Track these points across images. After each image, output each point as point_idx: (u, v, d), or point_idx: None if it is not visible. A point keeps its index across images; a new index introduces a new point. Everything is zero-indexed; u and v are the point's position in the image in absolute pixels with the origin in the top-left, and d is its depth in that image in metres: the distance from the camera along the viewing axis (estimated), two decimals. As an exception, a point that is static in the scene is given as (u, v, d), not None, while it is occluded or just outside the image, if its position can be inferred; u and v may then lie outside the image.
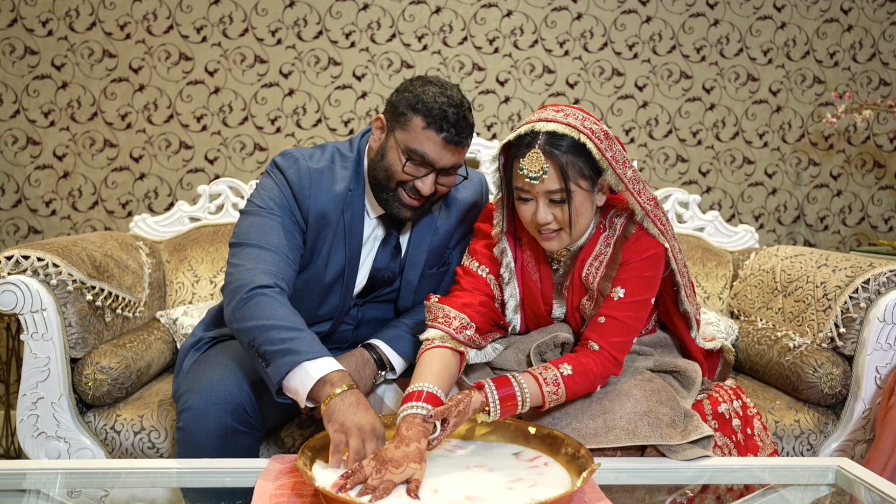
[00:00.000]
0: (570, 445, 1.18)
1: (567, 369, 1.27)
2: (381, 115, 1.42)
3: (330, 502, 1.04)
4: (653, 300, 1.36)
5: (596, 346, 1.30)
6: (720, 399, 1.43)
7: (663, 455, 1.27)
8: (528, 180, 1.24)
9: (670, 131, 2.57)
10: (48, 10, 2.37)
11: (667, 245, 1.33)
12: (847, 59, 2.60)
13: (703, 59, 2.56)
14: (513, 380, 1.24)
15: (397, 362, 1.47)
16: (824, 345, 1.74)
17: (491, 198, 1.52)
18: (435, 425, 1.17)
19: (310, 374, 1.20)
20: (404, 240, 1.52)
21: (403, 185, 1.39)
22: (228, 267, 1.39)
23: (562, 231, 1.29)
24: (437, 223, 1.51)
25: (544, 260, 1.40)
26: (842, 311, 1.71)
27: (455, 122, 1.35)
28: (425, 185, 1.37)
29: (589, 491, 1.11)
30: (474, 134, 2.29)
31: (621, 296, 1.31)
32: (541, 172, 1.23)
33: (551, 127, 1.24)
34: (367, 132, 1.50)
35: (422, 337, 1.32)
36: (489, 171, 2.29)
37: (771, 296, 1.95)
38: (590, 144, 1.23)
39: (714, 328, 1.94)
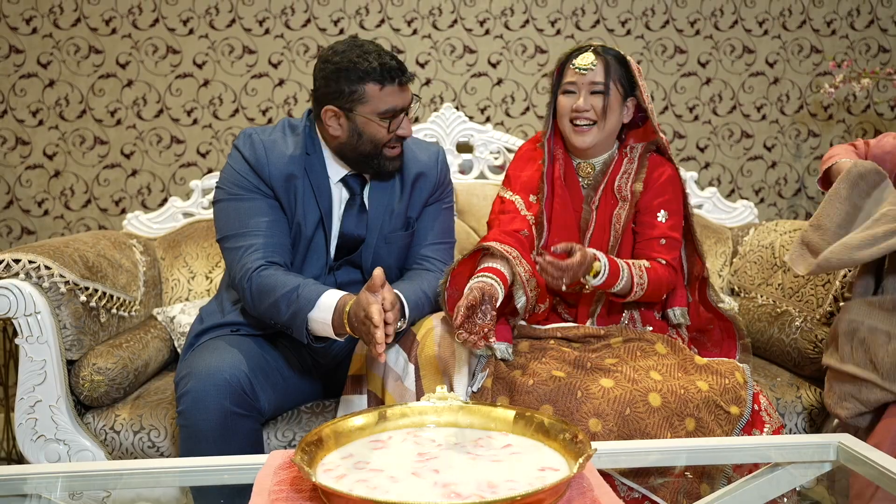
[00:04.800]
0: (568, 430, 1.17)
1: (647, 263, 1.51)
2: (329, 107, 1.47)
3: (328, 497, 1.03)
4: (683, 221, 1.60)
5: (663, 261, 1.53)
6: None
7: None
8: (577, 72, 1.53)
9: (666, 107, 2.54)
10: (31, 8, 2.34)
11: (679, 171, 1.60)
12: (845, 26, 2.56)
13: (698, 32, 2.52)
14: (613, 256, 1.49)
15: (406, 315, 1.49)
16: (825, 320, 1.72)
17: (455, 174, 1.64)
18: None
19: (322, 323, 1.37)
20: (366, 199, 1.59)
21: (388, 142, 1.50)
22: (226, 267, 1.52)
23: (595, 126, 1.53)
24: (392, 184, 1.59)
25: (573, 175, 1.61)
26: (841, 285, 1.69)
27: (398, 66, 1.46)
28: (405, 128, 1.50)
29: (589, 476, 1.10)
30: (466, 119, 2.30)
31: (667, 217, 1.55)
32: (590, 65, 1.53)
33: (602, 44, 1.58)
34: (310, 111, 1.58)
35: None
36: (483, 154, 2.28)
37: (770, 271, 1.94)
38: (629, 60, 1.55)
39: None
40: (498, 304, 1.35)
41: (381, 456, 1.14)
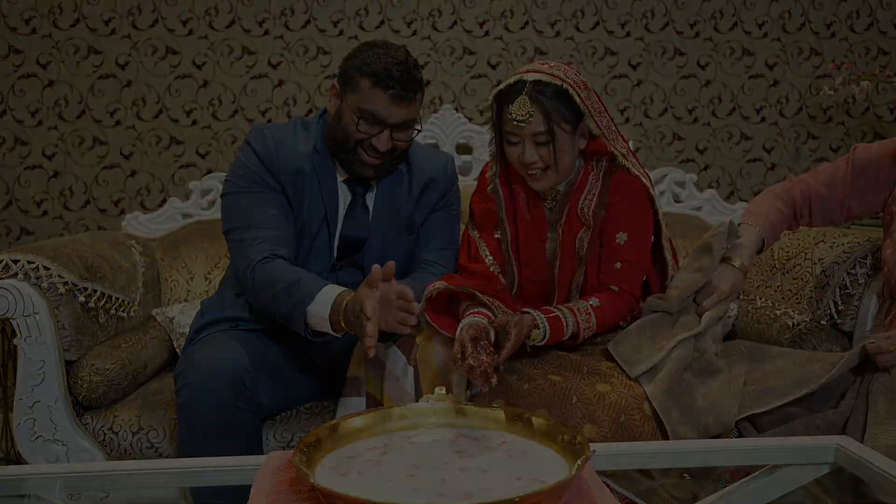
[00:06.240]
0: (566, 433, 1.17)
1: (595, 301, 1.44)
2: (335, 83, 1.52)
3: (326, 498, 1.03)
4: (652, 237, 1.51)
5: (616, 289, 1.46)
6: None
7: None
8: (516, 123, 1.39)
9: (665, 109, 2.54)
10: (31, 8, 2.34)
11: (646, 182, 1.47)
12: (844, 29, 2.56)
13: (697, 34, 2.52)
14: (552, 307, 1.42)
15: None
16: (823, 321, 1.72)
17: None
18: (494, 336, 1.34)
19: (320, 317, 1.36)
20: (370, 201, 1.59)
21: (361, 143, 1.49)
22: (231, 259, 1.52)
23: (548, 170, 1.42)
24: (400, 188, 1.59)
25: (536, 200, 1.52)
26: (839, 287, 1.69)
27: (400, 79, 1.44)
28: (381, 141, 1.47)
29: (588, 479, 1.10)
30: (466, 120, 2.30)
31: (626, 239, 1.46)
32: (527, 116, 1.37)
33: (537, 76, 1.39)
34: (324, 111, 1.61)
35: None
36: (483, 155, 2.28)
37: (769, 274, 1.94)
38: (572, 92, 1.38)
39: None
40: (491, 342, 1.34)
41: (380, 457, 1.15)
